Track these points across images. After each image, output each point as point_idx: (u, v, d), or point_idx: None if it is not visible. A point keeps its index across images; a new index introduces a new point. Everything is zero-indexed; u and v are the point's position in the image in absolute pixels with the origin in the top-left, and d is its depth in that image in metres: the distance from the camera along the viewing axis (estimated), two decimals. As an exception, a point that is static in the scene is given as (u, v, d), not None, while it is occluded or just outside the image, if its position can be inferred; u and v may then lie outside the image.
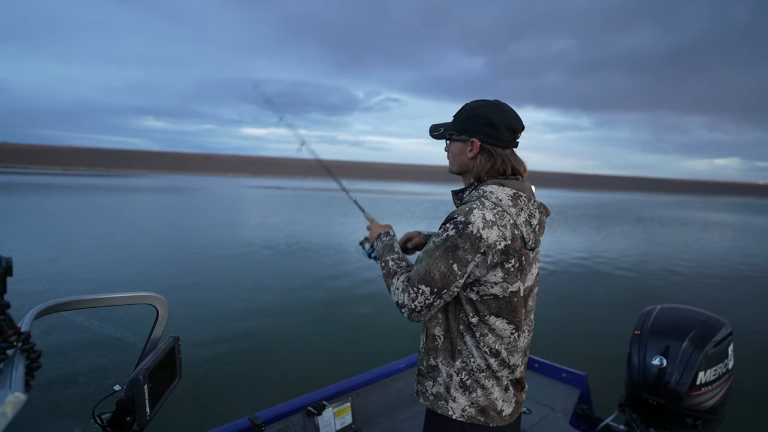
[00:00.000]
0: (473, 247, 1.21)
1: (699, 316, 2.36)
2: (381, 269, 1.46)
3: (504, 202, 1.27)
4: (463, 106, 1.42)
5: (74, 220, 16.68)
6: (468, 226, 1.21)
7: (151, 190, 39.90)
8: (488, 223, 1.22)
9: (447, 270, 1.22)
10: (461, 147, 1.39)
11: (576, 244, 14.86)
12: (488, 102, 1.39)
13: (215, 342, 5.38)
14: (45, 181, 48.34)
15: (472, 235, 1.21)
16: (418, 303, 1.24)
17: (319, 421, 2.04)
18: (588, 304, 8.05)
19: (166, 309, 1.41)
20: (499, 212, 1.25)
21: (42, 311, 1.05)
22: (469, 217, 1.22)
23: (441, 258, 1.22)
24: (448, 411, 1.32)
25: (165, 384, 1.32)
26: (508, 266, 1.25)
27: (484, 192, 1.31)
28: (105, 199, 28.53)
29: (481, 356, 1.30)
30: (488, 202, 1.27)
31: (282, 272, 9.24)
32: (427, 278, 1.23)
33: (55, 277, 7.97)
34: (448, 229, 1.24)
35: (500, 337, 1.30)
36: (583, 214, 27.94)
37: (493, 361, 1.30)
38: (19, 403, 0.60)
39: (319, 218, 20.78)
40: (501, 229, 1.23)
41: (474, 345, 1.30)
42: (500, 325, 1.29)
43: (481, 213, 1.23)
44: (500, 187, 1.31)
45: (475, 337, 1.29)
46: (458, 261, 1.22)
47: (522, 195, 1.31)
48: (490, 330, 1.29)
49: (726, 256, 14.54)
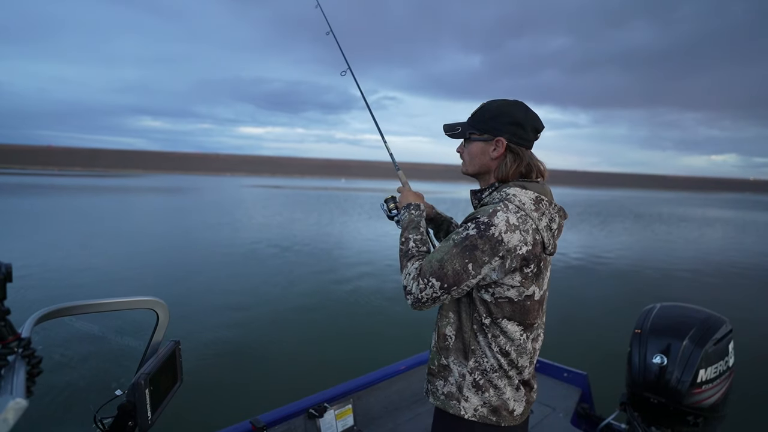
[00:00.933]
0: (492, 250, 1.20)
1: (699, 314, 2.36)
2: (400, 243, 1.40)
3: (527, 206, 1.26)
4: (482, 105, 1.40)
5: (74, 221, 16.60)
6: (490, 228, 1.20)
7: (149, 191, 39.80)
8: (511, 227, 1.20)
9: (461, 268, 1.20)
10: (483, 147, 1.36)
11: (577, 242, 14.85)
12: (512, 101, 1.37)
13: (216, 345, 5.37)
14: (42, 182, 48.17)
15: (492, 237, 1.19)
16: (425, 295, 1.23)
17: (321, 423, 2.04)
18: (588, 303, 8.04)
19: (167, 313, 1.41)
20: (522, 216, 1.23)
21: (42, 317, 1.05)
22: (492, 219, 1.21)
23: (457, 255, 1.21)
24: (460, 411, 1.32)
25: (166, 388, 1.32)
26: (527, 271, 1.25)
27: (507, 194, 1.28)
28: (104, 200, 28.47)
29: (494, 356, 1.30)
30: (512, 205, 1.24)
31: (282, 275, 9.24)
32: (440, 273, 1.21)
33: (50, 283, 7.96)
34: (469, 228, 1.22)
35: (510, 339, 1.30)
36: (583, 212, 27.93)
37: (504, 361, 1.31)
38: (20, 409, 0.60)
39: (320, 218, 20.76)
40: (523, 234, 1.22)
41: (486, 345, 1.30)
42: (511, 327, 1.29)
43: (505, 216, 1.21)
44: (523, 190, 1.29)
45: (487, 337, 1.30)
46: (474, 261, 1.20)
47: (544, 199, 1.30)
48: (501, 332, 1.29)
49: (726, 253, 14.55)
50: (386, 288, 8.12)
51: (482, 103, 1.41)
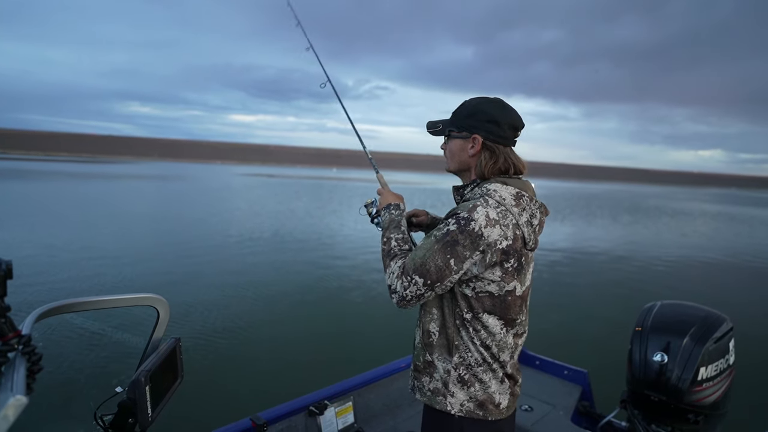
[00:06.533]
0: (473, 245, 1.21)
1: (700, 312, 2.36)
2: (382, 243, 1.42)
3: (507, 201, 1.27)
4: (463, 103, 1.43)
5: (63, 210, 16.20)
6: (470, 223, 1.21)
7: (140, 178, 39.34)
8: (491, 222, 1.22)
9: (443, 264, 1.22)
10: (461, 144, 1.39)
11: (575, 239, 14.85)
12: (489, 99, 1.39)
13: (216, 342, 5.37)
14: (27, 167, 46.97)
15: (473, 232, 1.21)
16: (409, 292, 1.25)
17: (321, 420, 2.05)
18: (588, 300, 8.05)
19: (167, 310, 1.41)
20: (502, 211, 1.25)
21: (43, 314, 1.05)
22: (472, 214, 1.22)
23: (439, 252, 1.22)
24: (446, 406, 1.33)
25: (167, 385, 1.32)
26: (507, 266, 1.26)
27: (487, 190, 1.30)
28: (93, 187, 28.09)
29: (477, 350, 1.31)
30: (492, 200, 1.26)
31: (283, 271, 9.23)
32: (422, 269, 1.23)
33: (43, 277, 7.95)
34: (450, 224, 1.24)
35: (491, 333, 1.31)
36: (576, 206, 27.92)
37: (488, 355, 1.32)
38: (20, 406, 0.60)
39: (316, 210, 20.65)
40: (503, 229, 1.23)
41: (469, 339, 1.31)
42: (492, 322, 1.30)
43: (484, 211, 1.23)
44: (503, 186, 1.31)
45: (469, 332, 1.31)
46: (456, 256, 1.22)
47: (525, 195, 1.32)
48: (482, 326, 1.30)
49: (725, 250, 14.54)
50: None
51: (464, 100, 1.44)
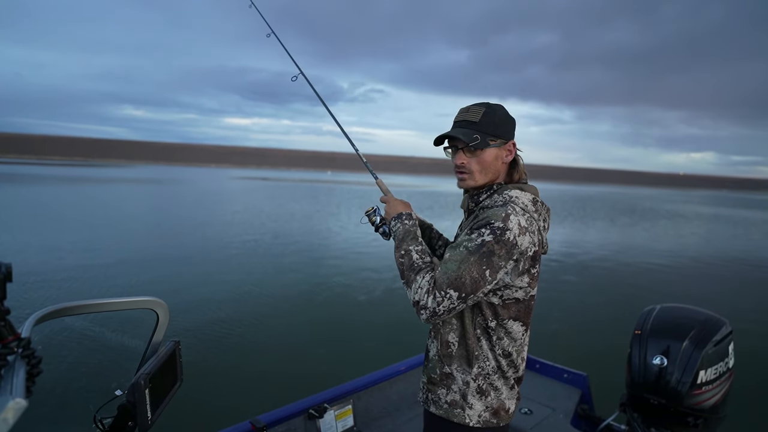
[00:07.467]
0: (508, 254, 1.20)
1: (699, 316, 2.36)
2: (399, 255, 1.34)
3: (529, 207, 1.28)
4: (486, 111, 1.32)
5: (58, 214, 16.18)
6: (506, 233, 1.20)
7: (134, 182, 39.20)
8: (522, 230, 1.22)
9: (479, 276, 1.19)
10: (497, 153, 1.34)
11: (573, 242, 14.85)
12: (501, 105, 1.37)
13: (216, 345, 5.37)
14: (20, 171, 46.53)
15: (508, 241, 1.19)
16: (443, 307, 1.19)
17: (321, 423, 2.04)
18: (588, 304, 8.04)
19: (167, 313, 1.41)
20: (529, 218, 1.25)
21: (42, 317, 1.05)
22: (507, 224, 1.20)
23: (475, 263, 1.18)
24: (465, 419, 1.31)
25: (166, 388, 1.32)
26: (534, 272, 1.28)
27: (510, 197, 1.28)
28: (87, 191, 27.98)
29: (494, 358, 1.31)
30: (518, 207, 1.25)
31: (281, 274, 9.23)
32: (457, 283, 1.18)
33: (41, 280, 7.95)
34: (484, 234, 1.20)
35: (514, 339, 1.31)
36: (573, 209, 27.91)
37: (504, 362, 1.32)
38: (20, 408, 0.60)
39: (317, 213, 20.67)
40: (531, 236, 1.24)
41: (489, 348, 1.31)
42: (516, 327, 1.31)
43: (516, 219, 1.22)
44: (522, 192, 1.31)
45: (491, 340, 1.30)
46: (491, 267, 1.19)
47: (539, 200, 1.33)
48: (506, 333, 1.30)
49: (723, 253, 14.53)
50: (387, 286, 8.12)
51: (479, 108, 1.33)
